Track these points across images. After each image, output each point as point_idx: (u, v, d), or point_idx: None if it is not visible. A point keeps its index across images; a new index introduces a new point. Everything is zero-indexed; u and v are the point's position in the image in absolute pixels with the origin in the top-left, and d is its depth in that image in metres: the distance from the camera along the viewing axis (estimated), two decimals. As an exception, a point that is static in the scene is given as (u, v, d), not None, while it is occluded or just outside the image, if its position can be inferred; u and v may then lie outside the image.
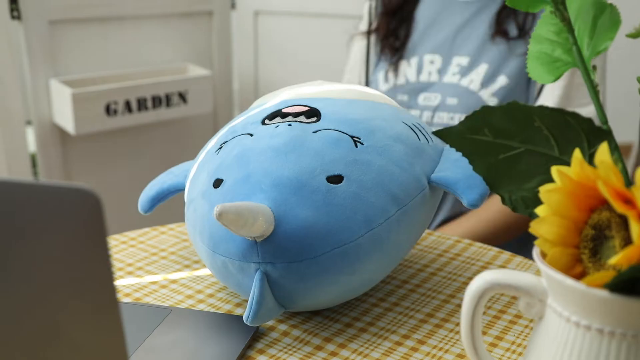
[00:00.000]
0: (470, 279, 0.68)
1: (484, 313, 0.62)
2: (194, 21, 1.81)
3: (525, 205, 0.47)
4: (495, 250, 0.75)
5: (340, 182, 0.57)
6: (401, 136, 0.64)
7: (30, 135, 1.63)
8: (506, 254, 0.74)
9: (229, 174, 0.60)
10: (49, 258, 0.32)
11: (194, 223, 0.62)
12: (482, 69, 1.10)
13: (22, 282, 0.33)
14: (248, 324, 0.56)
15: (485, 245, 0.76)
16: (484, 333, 0.59)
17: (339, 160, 0.59)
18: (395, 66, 1.17)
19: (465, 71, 1.11)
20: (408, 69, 1.16)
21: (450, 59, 1.13)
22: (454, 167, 0.63)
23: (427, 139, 0.66)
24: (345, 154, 0.60)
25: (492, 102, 1.07)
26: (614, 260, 0.35)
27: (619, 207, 0.36)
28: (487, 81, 1.09)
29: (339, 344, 0.58)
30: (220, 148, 0.65)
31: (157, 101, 1.59)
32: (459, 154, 0.48)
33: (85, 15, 1.59)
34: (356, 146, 0.61)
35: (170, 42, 1.77)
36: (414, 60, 1.16)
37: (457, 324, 0.61)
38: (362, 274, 0.59)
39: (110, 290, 0.33)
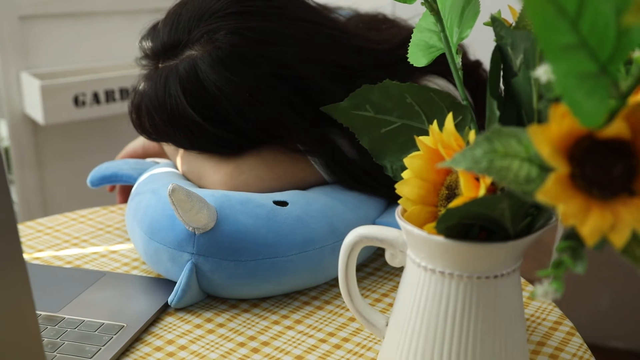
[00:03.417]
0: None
1: (390, 280, 0.69)
2: (163, 18, 1.86)
3: (403, 173, 0.53)
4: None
5: (285, 206, 0.64)
6: None
7: (4, 129, 1.68)
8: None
9: (184, 185, 0.67)
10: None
11: (134, 212, 0.68)
12: None
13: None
14: (172, 306, 0.62)
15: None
16: (385, 295, 0.66)
17: (285, 194, 0.66)
18: None
19: None
20: None
21: None
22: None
23: None
24: (292, 192, 0.67)
25: None
26: (443, 211, 0.41)
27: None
28: None
29: (252, 303, 0.64)
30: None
31: (124, 93, 1.64)
32: None
33: (55, 11, 1.65)
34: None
35: (141, 38, 1.82)
36: None
37: (365, 292, 0.67)
38: (288, 285, 0.64)
39: (13, 237, 0.38)
